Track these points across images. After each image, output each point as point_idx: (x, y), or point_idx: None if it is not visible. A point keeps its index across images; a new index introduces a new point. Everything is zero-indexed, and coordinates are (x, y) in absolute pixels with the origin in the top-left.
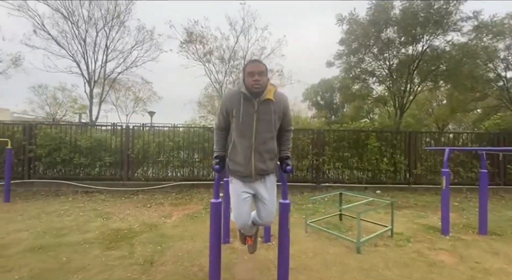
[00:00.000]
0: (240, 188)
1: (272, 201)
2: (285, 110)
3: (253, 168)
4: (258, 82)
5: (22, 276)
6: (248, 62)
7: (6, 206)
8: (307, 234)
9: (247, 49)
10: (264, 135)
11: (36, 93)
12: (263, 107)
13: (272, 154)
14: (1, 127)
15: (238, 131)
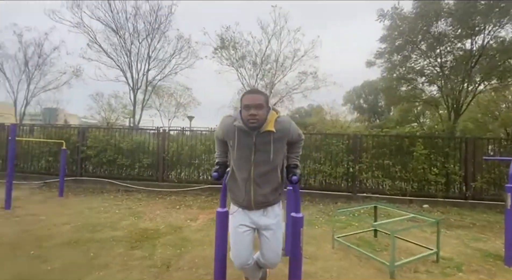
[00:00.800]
0: (238, 220)
1: (276, 237)
2: (290, 135)
3: (252, 201)
4: (254, 117)
5: (53, 268)
6: (244, 93)
7: (59, 200)
8: (333, 250)
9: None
10: (263, 167)
11: (94, 100)
12: (262, 139)
13: (274, 185)
14: (59, 130)
15: (235, 163)
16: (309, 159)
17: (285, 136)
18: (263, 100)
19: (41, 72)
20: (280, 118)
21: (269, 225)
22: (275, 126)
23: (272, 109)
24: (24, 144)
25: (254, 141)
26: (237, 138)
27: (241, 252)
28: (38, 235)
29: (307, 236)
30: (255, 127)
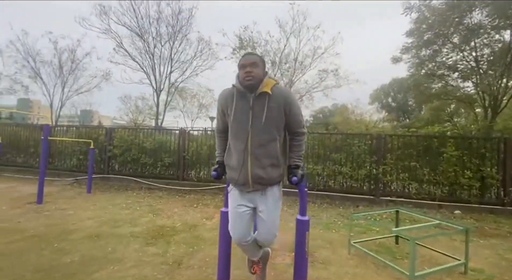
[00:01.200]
0: (236, 199)
1: (272, 218)
2: (288, 106)
3: (249, 175)
4: (250, 74)
5: (73, 260)
6: (242, 56)
7: (87, 196)
8: (349, 255)
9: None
10: (261, 136)
11: (123, 102)
12: (259, 103)
13: (273, 160)
14: (89, 130)
15: (232, 131)
16: (329, 160)
17: (282, 105)
18: (258, 60)
19: (74, 76)
20: (279, 85)
21: (267, 206)
22: (272, 90)
23: (269, 77)
24: (59, 144)
25: (251, 105)
26: (235, 102)
27: (239, 230)
28: (63, 229)
29: (322, 240)
30: (251, 85)
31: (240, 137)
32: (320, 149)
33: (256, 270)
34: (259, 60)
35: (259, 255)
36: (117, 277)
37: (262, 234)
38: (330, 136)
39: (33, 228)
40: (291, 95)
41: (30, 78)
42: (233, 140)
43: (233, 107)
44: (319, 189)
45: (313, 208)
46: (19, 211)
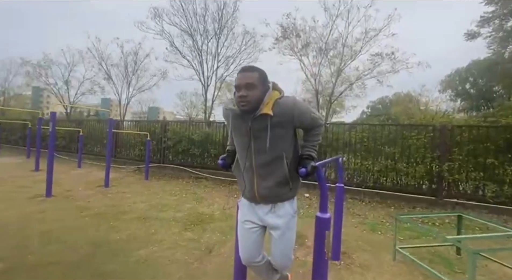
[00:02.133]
0: (244, 213)
1: (286, 239)
2: (297, 119)
3: (256, 193)
4: (244, 99)
5: (121, 238)
6: (238, 72)
7: (144, 182)
8: (394, 262)
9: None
10: (264, 156)
11: (179, 98)
12: (259, 124)
13: (280, 178)
14: (148, 124)
15: (237, 150)
16: (381, 154)
17: (287, 121)
18: (256, 78)
19: (137, 76)
20: (282, 100)
21: (277, 225)
22: (273, 109)
23: (273, 88)
24: (125, 136)
25: (249, 127)
26: (232, 123)
27: (245, 249)
28: (120, 210)
29: (364, 242)
30: (246, 110)
31: (243, 157)
32: (370, 143)
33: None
34: (256, 78)
35: (274, 279)
36: (154, 257)
37: (275, 256)
38: (382, 127)
39: (98, 207)
40: (295, 106)
41: (104, 79)
42: (238, 157)
43: (232, 126)
44: (368, 186)
45: (359, 206)
46: (91, 192)
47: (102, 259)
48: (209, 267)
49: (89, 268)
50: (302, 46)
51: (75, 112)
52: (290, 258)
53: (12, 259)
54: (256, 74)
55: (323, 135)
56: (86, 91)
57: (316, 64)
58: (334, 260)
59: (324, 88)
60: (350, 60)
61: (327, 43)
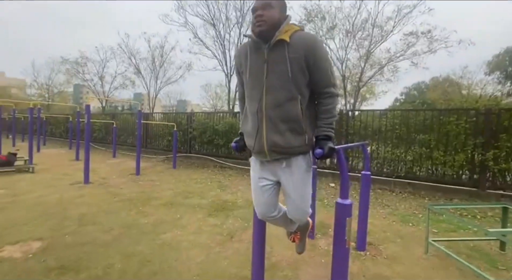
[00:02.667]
0: (257, 171)
1: (300, 194)
2: (311, 56)
3: (264, 142)
4: (260, 18)
5: (149, 221)
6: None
7: (172, 171)
8: (426, 255)
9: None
10: (277, 95)
11: (204, 90)
12: (275, 54)
13: (294, 124)
14: (175, 116)
15: (247, 91)
16: (414, 142)
17: (303, 55)
18: (274, 0)
19: (163, 69)
20: (302, 32)
21: (290, 181)
22: (292, 37)
23: (292, 23)
24: (154, 127)
25: (265, 58)
26: (249, 56)
27: (260, 205)
28: (148, 196)
29: (393, 233)
30: (262, 31)
31: (254, 97)
32: (403, 130)
33: (294, 240)
34: (274, 1)
35: (294, 228)
36: (178, 240)
37: (290, 211)
38: (416, 113)
39: (129, 193)
40: (317, 42)
41: (134, 74)
42: (247, 101)
43: (247, 62)
44: (399, 176)
45: (389, 196)
46: (123, 180)
47: (131, 241)
48: (229, 252)
49: (119, 248)
50: (327, 29)
51: (111, 106)
52: (306, 211)
53: (52, 238)
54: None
55: (350, 124)
56: (118, 86)
57: (343, 47)
58: (359, 251)
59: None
60: (380, 42)
61: (355, 24)
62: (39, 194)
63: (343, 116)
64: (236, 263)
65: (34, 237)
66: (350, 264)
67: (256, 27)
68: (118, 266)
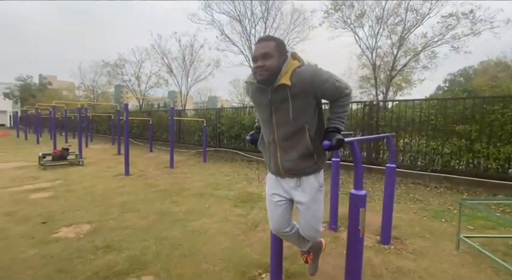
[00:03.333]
0: (271, 186)
1: (312, 212)
2: (314, 88)
3: (280, 167)
4: (261, 69)
5: (181, 210)
6: (255, 43)
7: (202, 165)
8: (456, 252)
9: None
10: (285, 129)
11: (233, 85)
12: (278, 95)
13: (303, 151)
14: (205, 111)
15: (261, 122)
16: (452, 134)
17: (306, 91)
18: (272, 48)
19: (194, 67)
20: (301, 69)
21: (303, 198)
22: (292, 79)
23: (292, 58)
24: (186, 123)
25: (269, 99)
26: (253, 96)
27: (274, 220)
28: (181, 187)
29: (422, 228)
30: (264, 80)
31: (266, 130)
32: (439, 120)
33: (307, 260)
34: (273, 47)
35: (306, 246)
36: (206, 228)
37: (302, 228)
38: (455, 102)
39: (163, 184)
40: (313, 75)
41: (167, 73)
42: (262, 130)
43: (255, 100)
44: (435, 170)
45: (422, 191)
46: (159, 172)
47: (165, 226)
48: (253, 240)
49: (155, 232)
50: (356, 16)
51: (147, 104)
52: (317, 229)
53: (98, 222)
54: (272, 43)
55: (380, 115)
56: (153, 85)
57: (373, 35)
58: (383, 244)
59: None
60: (415, 26)
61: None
62: (88, 185)
63: (373, 107)
64: (259, 250)
65: (84, 221)
66: (372, 257)
67: (258, 76)
68: (153, 248)
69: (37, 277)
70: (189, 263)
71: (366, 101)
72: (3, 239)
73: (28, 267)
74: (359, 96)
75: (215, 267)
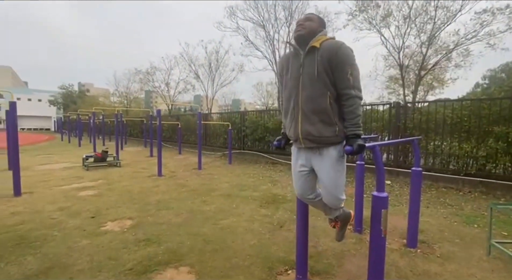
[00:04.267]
0: (295, 157)
1: (331, 181)
2: (334, 60)
3: (299, 130)
4: (301, 26)
5: (210, 209)
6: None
7: (228, 166)
8: (486, 258)
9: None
10: (309, 91)
11: (256, 89)
12: (308, 58)
13: (324, 116)
14: (229, 115)
15: (287, 90)
16: (488, 136)
17: (328, 59)
18: (315, 17)
19: (219, 73)
20: (330, 41)
21: (323, 169)
22: (322, 44)
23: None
24: (212, 126)
25: (301, 61)
26: (290, 62)
27: (298, 187)
28: (209, 188)
29: (452, 233)
30: (300, 35)
31: (292, 94)
32: (472, 122)
33: (335, 226)
34: (315, 17)
35: (332, 214)
36: (234, 226)
37: (324, 196)
38: (490, 102)
39: (193, 185)
40: (340, 48)
41: (194, 79)
42: (286, 99)
43: (289, 66)
44: (468, 174)
45: (454, 196)
46: (188, 173)
47: (197, 223)
48: (279, 239)
49: (187, 229)
50: (382, 17)
51: (175, 109)
52: (338, 198)
53: (138, 218)
54: (315, 16)
55: (409, 117)
56: (181, 90)
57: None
58: (409, 247)
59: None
60: (446, 23)
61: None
62: (126, 184)
63: (400, 109)
64: (284, 249)
65: (126, 217)
66: (398, 259)
67: (296, 32)
68: (187, 243)
69: (93, 262)
70: (221, 257)
71: (392, 102)
72: (61, 230)
73: (84, 254)
74: (387, 97)
75: (245, 262)
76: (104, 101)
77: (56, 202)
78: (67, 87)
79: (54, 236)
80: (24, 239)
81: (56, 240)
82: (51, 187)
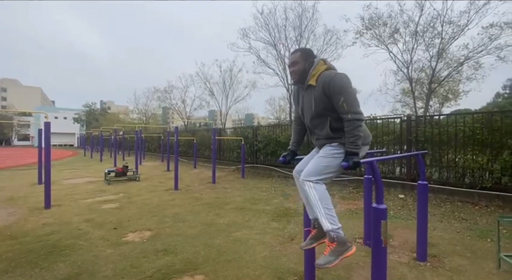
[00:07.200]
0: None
1: (315, 161)
2: (326, 92)
3: (314, 142)
4: (292, 74)
5: (223, 222)
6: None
7: (241, 180)
8: (496, 271)
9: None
10: (313, 122)
11: (269, 104)
12: (307, 93)
13: (325, 132)
14: (242, 130)
15: (299, 117)
16: (503, 148)
17: (323, 92)
18: (298, 56)
19: (233, 90)
20: (325, 73)
21: (316, 155)
22: (317, 80)
23: (322, 62)
24: (225, 141)
25: (302, 96)
26: (296, 94)
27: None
28: (223, 201)
29: (463, 247)
30: (295, 81)
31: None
32: (485, 135)
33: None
34: (298, 56)
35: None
36: (246, 238)
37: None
38: (503, 115)
39: (207, 198)
40: (332, 80)
41: (209, 95)
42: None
43: (298, 99)
44: (483, 187)
45: (469, 210)
46: (202, 187)
47: (211, 235)
48: (289, 251)
49: (202, 240)
50: (390, 33)
51: (190, 124)
52: (310, 173)
53: (156, 229)
54: (298, 53)
55: (421, 130)
56: (197, 107)
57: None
58: (419, 261)
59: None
60: (454, 38)
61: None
62: (145, 197)
63: (411, 123)
64: (294, 260)
65: (146, 228)
66: (406, 272)
67: (291, 79)
68: (202, 253)
69: (116, 269)
70: (233, 267)
71: (403, 115)
72: (87, 240)
73: (108, 262)
74: (400, 110)
75: (256, 272)
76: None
77: (82, 214)
78: (90, 105)
79: (81, 245)
80: (55, 248)
81: (83, 249)
82: (77, 200)
